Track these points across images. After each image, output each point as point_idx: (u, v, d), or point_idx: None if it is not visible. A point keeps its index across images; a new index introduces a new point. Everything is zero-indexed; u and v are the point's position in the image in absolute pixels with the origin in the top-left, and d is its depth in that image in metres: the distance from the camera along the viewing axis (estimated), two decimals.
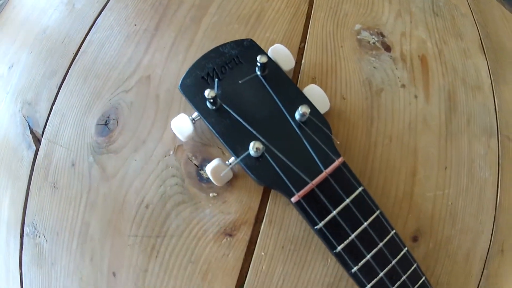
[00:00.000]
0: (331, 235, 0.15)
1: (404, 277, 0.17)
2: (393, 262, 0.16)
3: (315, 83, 0.19)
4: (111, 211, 0.19)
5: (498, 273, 0.28)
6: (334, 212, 0.15)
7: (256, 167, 0.16)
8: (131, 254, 0.19)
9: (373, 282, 0.16)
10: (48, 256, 0.21)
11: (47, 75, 0.21)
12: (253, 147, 0.15)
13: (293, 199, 0.15)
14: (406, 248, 0.17)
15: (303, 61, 0.20)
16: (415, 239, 0.20)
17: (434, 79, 0.23)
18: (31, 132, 0.21)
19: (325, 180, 0.16)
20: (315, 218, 0.15)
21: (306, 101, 0.17)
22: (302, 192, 0.15)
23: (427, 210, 0.21)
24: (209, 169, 0.17)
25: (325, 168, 0.16)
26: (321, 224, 0.15)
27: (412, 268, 0.17)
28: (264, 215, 0.18)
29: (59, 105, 0.21)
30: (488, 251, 0.26)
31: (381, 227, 0.16)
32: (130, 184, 0.19)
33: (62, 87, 0.20)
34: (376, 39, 0.23)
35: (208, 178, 0.18)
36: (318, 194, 0.16)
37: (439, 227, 0.22)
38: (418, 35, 0.25)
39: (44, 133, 0.21)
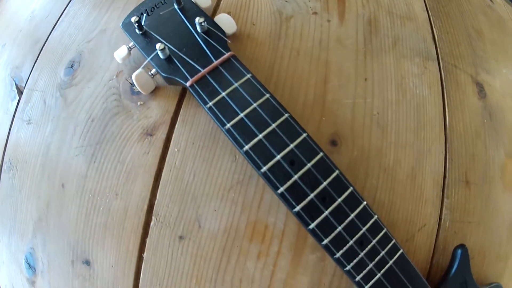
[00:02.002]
0: (238, 133, 0.20)
1: (325, 184, 0.20)
2: (309, 165, 0.21)
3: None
4: (67, 131, 0.26)
5: (467, 208, 0.28)
6: (223, 94, 0.21)
7: (163, 65, 0.23)
8: (76, 164, 0.25)
9: (287, 184, 0.20)
10: (17, 184, 0.28)
11: (32, 44, 0.31)
12: (159, 47, 0.22)
13: (188, 83, 0.21)
14: (322, 153, 0.21)
15: (221, 2, 0.27)
16: (333, 143, 0.23)
17: (351, 8, 0.29)
18: (16, 87, 0.31)
19: (216, 68, 0.21)
20: (207, 100, 0.21)
21: (204, 14, 0.23)
22: (195, 78, 0.21)
23: (345, 116, 0.24)
24: (134, 76, 0.23)
25: (216, 60, 0.21)
26: (210, 103, 0.20)
27: (334, 174, 0.21)
28: (178, 116, 0.23)
29: (39, 63, 0.31)
30: (445, 176, 0.26)
31: (289, 127, 0.21)
32: (83, 106, 0.27)
33: (43, 49, 0.30)
34: None
35: (138, 91, 0.24)
36: (209, 80, 0.21)
37: (364, 135, 0.24)
38: None
39: (26, 85, 0.30)
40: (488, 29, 0.37)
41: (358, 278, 0.21)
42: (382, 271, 0.22)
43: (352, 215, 0.21)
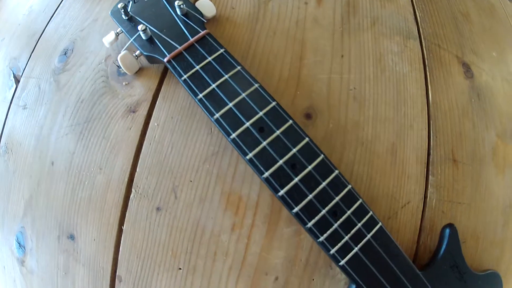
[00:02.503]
0: (209, 102, 0.22)
1: (294, 151, 0.22)
2: (278, 132, 0.22)
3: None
4: (59, 112, 0.29)
5: (456, 188, 0.28)
6: (197, 67, 0.23)
7: (144, 45, 0.25)
8: (65, 142, 0.27)
9: (255, 151, 0.21)
10: (11, 166, 0.31)
11: (30, 36, 0.35)
12: (140, 29, 0.24)
13: (166, 59, 0.23)
14: (292, 120, 0.23)
15: None
16: (308, 116, 0.24)
17: None
18: (14, 77, 0.34)
19: (192, 45, 0.23)
20: (182, 73, 0.22)
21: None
22: (173, 54, 0.23)
23: (321, 91, 0.25)
24: (119, 57, 0.26)
25: (192, 37, 0.23)
26: (185, 76, 0.22)
27: (304, 141, 0.22)
28: (159, 93, 0.25)
29: (35, 53, 0.34)
30: (429, 153, 0.27)
31: (259, 97, 0.23)
32: (74, 89, 0.29)
33: (39, 40, 0.33)
34: None
35: (124, 72, 0.26)
36: (185, 56, 0.23)
37: (340, 109, 0.25)
38: None
39: (23, 74, 0.33)
40: (476, 13, 0.37)
41: (333, 251, 0.21)
42: (359, 245, 0.22)
43: (324, 183, 0.22)
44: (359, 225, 0.23)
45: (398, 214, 0.26)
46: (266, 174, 0.21)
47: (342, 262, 0.22)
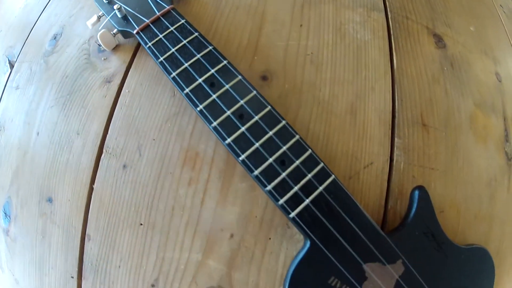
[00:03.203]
0: (168, 64, 0.25)
1: (241, 102, 0.24)
2: (227, 86, 0.25)
3: None
4: (46, 88, 0.33)
5: (428, 153, 0.28)
6: (161, 36, 0.27)
7: (119, 22, 0.30)
8: (50, 114, 0.31)
9: (205, 103, 0.24)
10: (3, 141, 0.36)
11: (25, 26, 0.41)
12: (116, 8, 0.28)
13: (135, 31, 0.27)
14: (241, 76, 0.26)
15: None
16: (264, 78, 0.27)
17: None
18: (9, 62, 0.39)
19: (158, 19, 0.27)
20: (148, 42, 0.26)
21: None
22: (141, 26, 0.27)
23: (278, 55, 0.28)
24: (98, 35, 0.30)
25: (158, 12, 0.27)
26: (150, 44, 0.25)
27: (251, 94, 0.25)
28: (132, 65, 0.28)
29: (29, 40, 0.40)
30: (394, 115, 0.27)
31: (212, 57, 0.26)
32: (60, 67, 0.34)
33: (33, 29, 0.39)
34: None
35: (104, 49, 0.30)
36: (152, 27, 0.27)
37: (297, 71, 0.28)
38: None
39: (17, 59, 0.39)
40: None
41: (281, 201, 0.23)
42: (310, 198, 0.23)
43: (271, 133, 0.24)
44: (309, 175, 0.24)
45: (360, 174, 0.27)
46: (215, 123, 0.24)
47: (293, 214, 0.23)
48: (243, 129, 0.24)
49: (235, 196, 0.26)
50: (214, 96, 0.24)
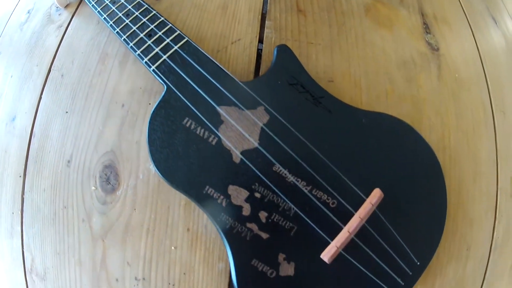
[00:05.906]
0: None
1: (137, 13, 0.39)
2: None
3: None
4: (21, 44, 0.51)
5: (304, 31, 0.41)
6: None
7: None
8: (20, 58, 0.48)
9: (121, 26, 0.39)
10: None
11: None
12: None
13: None
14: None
15: None
16: None
17: None
18: None
19: None
20: None
21: None
22: None
23: None
24: None
25: None
26: None
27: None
28: (76, 13, 0.45)
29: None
30: (266, 5, 0.39)
31: None
32: (31, 28, 0.51)
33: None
34: None
35: (60, 8, 0.48)
36: None
37: None
38: None
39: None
40: None
41: (146, 59, 0.36)
42: (167, 54, 0.36)
43: (144, 19, 0.38)
44: (168, 40, 0.36)
45: (228, 48, 0.38)
46: (115, 27, 0.38)
47: (153, 67, 0.35)
48: (120, 14, 0.39)
49: (128, 76, 0.39)
50: (113, 8, 0.39)
